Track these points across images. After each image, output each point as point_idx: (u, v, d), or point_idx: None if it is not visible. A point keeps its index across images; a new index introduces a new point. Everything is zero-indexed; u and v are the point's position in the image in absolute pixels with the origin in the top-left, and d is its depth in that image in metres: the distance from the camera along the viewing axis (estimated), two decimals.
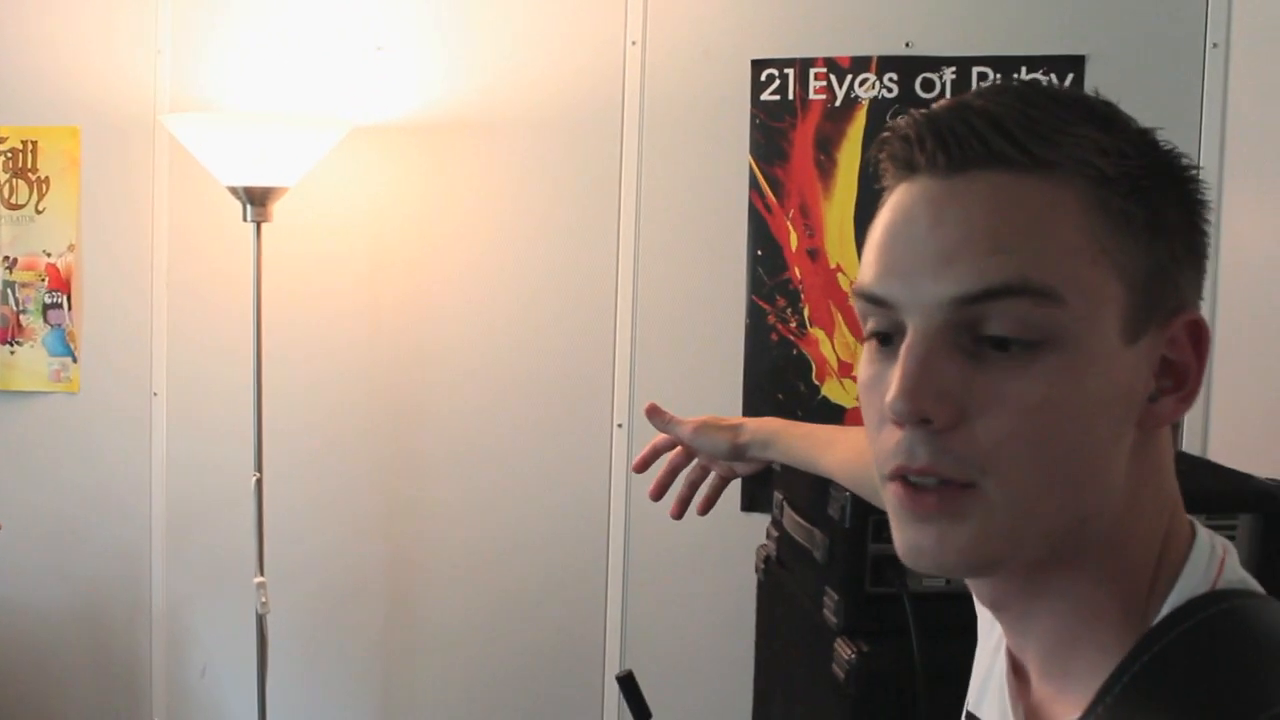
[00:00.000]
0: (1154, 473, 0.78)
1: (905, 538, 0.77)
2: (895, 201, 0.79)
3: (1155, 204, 0.75)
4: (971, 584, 0.83)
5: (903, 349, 0.75)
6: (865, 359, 0.80)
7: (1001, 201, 0.74)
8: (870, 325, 0.79)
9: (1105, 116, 0.77)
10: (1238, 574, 0.78)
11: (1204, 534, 0.79)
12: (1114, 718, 0.73)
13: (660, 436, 1.58)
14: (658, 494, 1.57)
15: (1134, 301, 0.74)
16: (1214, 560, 0.78)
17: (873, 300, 0.78)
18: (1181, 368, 0.77)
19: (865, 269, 0.79)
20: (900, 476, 0.76)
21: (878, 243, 0.78)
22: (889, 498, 0.77)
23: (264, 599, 2.84)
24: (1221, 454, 2.38)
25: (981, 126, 0.75)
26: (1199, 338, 0.77)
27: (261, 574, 2.85)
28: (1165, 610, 0.75)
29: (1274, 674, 0.70)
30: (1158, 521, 0.78)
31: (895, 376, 0.74)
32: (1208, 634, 0.73)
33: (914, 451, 0.74)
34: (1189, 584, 0.76)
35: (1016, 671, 0.85)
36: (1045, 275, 0.72)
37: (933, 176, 0.76)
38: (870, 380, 0.79)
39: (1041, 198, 0.74)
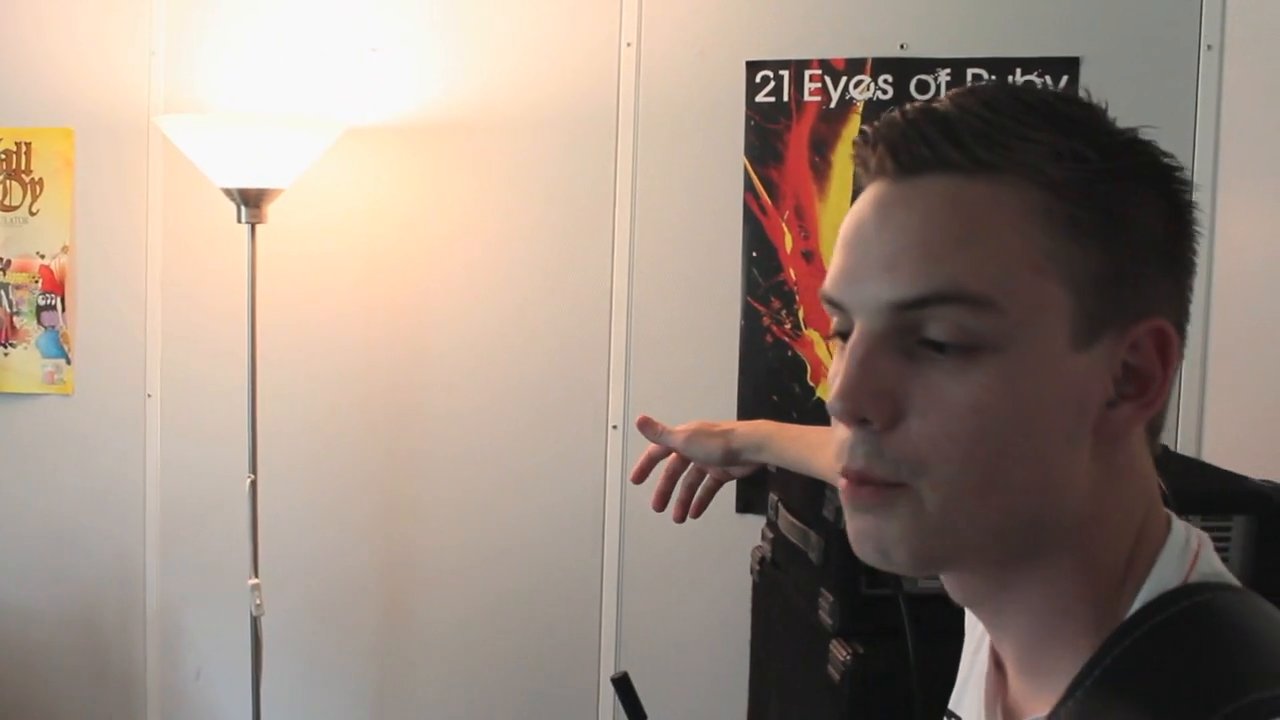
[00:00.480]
0: (1124, 475, 0.78)
1: (851, 528, 0.79)
2: (854, 206, 0.80)
3: (1115, 208, 0.75)
4: (944, 581, 0.83)
5: (846, 350, 0.77)
6: (834, 355, 0.82)
7: (944, 207, 0.75)
8: (833, 326, 0.81)
9: (1073, 120, 0.76)
10: (1212, 567, 0.78)
11: (1179, 528, 0.79)
12: (1083, 712, 0.73)
13: (654, 445, 1.58)
14: (660, 504, 1.58)
15: (1083, 308, 0.74)
16: (1187, 554, 0.78)
17: (829, 302, 0.80)
18: (1145, 374, 0.76)
19: (829, 272, 0.81)
20: (845, 473, 0.78)
21: (837, 246, 0.81)
22: (840, 490, 0.80)
23: (258, 601, 2.83)
24: (1216, 456, 2.38)
25: (931, 131, 0.75)
26: (1165, 345, 0.76)
27: (256, 576, 2.85)
28: (1136, 605, 0.75)
29: (1241, 667, 0.70)
30: (1129, 522, 0.78)
31: (838, 376, 0.76)
32: (1177, 628, 0.73)
33: (854, 452, 0.76)
34: (1160, 578, 0.76)
35: (999, 668, 0.86)
36: (980, 283, 0.73)
37: (885, 180, 0.78)
38: (832, 378, 0.80)
39: (984, 203, 0.74)
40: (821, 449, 1.47)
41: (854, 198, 2.55)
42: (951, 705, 0.94)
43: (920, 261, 0.74)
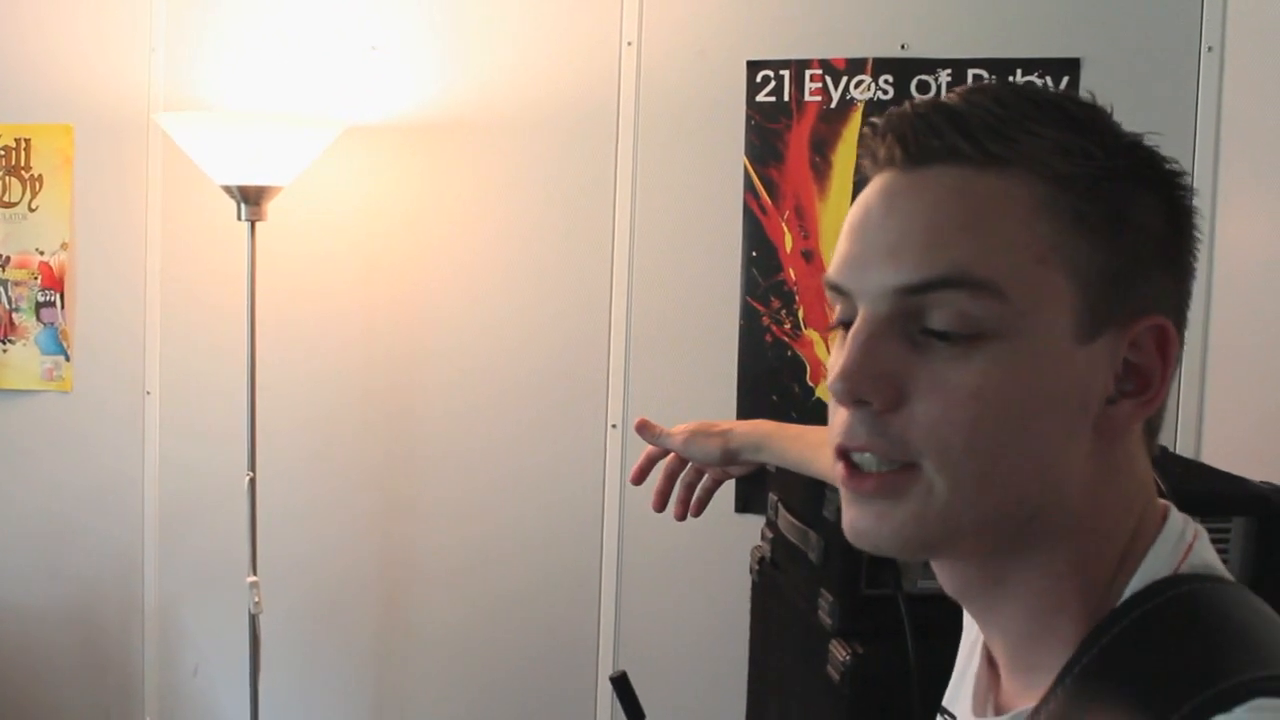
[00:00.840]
0: (1121, 473, 0.78)
1: (848, 516, 0.79)
2: (861, 195, 0.81)
3: (1119, 206, 0.75)
4: (937, 572, 0.84)
5: (850, 334, 0.77)
6: (834, 346, 0.82)
7: (951, 196, 0.75)
8: (835, 313, 0.81)
9: (1080, 119, 0.77)
10: (1203, 559, 0.78)
11: (1176, 520, 0.80)
12: (1070, 701, 0.74)
13: (652, 446, 1.58)
14: (660, 504, 1.58)
15: (1087, 302, 0.74)
16: (1181, 545, 0.78)
17: (834, 289, 0.80)
18: (1145, 372, 0.77)
19: (832, 259, 0.81)
20: (844, 455, 0.78)
21: (842, 234, 0.81)
22: (837, 477, 0.79)
23: (257, 598, 2.83)
24: (1215, 457, 2.38)
25: (941, 122, 0.76)
26: (1164, 343, 0.77)
27: (254, 573, 2.85)
28: (1126, 595, 0.76)
29: (1222, 653, 0.70)
30: (1124, 521, 0.78)
31: (840, 359, 0.76)
32: (1162, 616, 0.74)
33: (854, 431, 0.76)
34: (1151, 568, 0.77)
35: (991, 666, 0.86)
36: (986, 270, 0.73)
37: (893, 170, 0.78)
38: (832, 365, 0.80)
39: (992, 194, 0.75)
40: (821, 448, 1.47)
41: (854, 196, 2.54)
42: (945, 702, 0.94)
43: (926, 247, 0.74)
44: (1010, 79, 2.71)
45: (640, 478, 1.59)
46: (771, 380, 2.85)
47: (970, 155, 0.75)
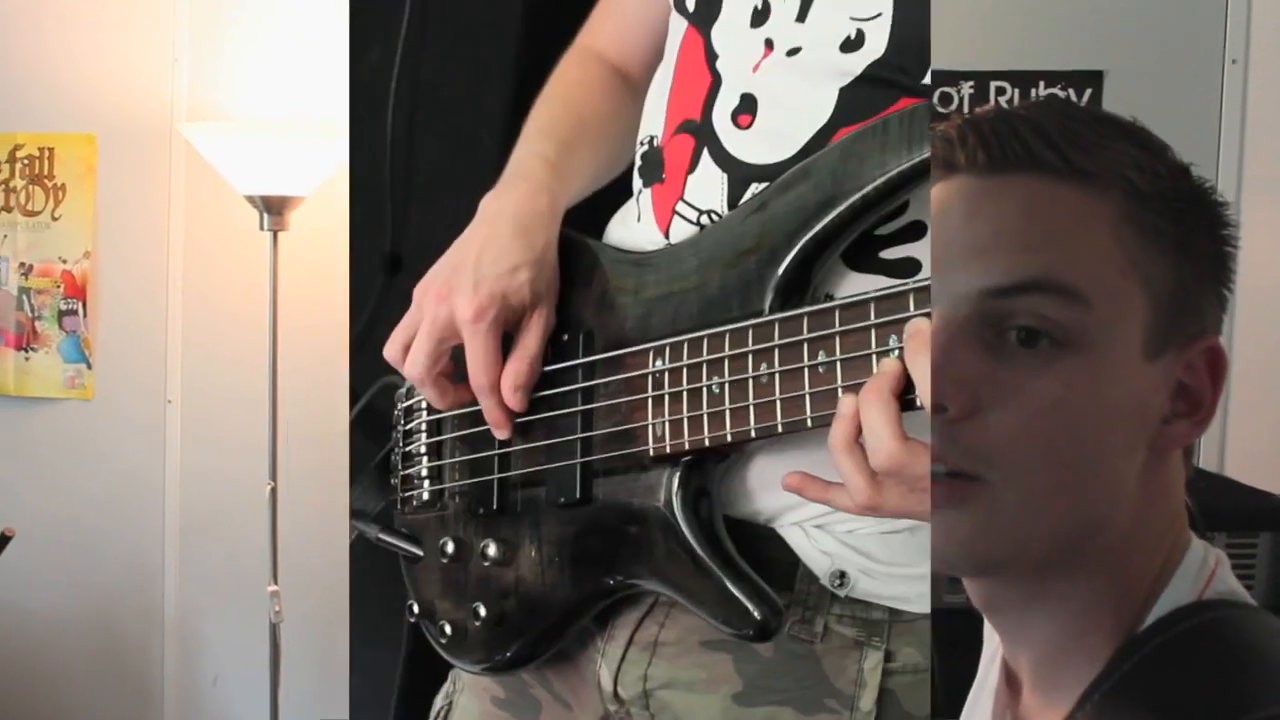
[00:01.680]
0: (1164, 494, 0.78)
1: None
2: (931, 198, 0.80)
3: (1185, 226, 0.76)
4: (968, 585, 0.83)
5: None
6: None
7: (1037, 203, 0.75)
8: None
9: (1142, 138, 0.78)
10: (1227, 585, 0.78)
11: (1198, 546, 0.80)
12: None
13: None
14: None
15: (1157, 318, 0.75)
16: (1203, 572, 0.78)
17: None
18: (1197, 394, 0.77)
19: None
20: None
21: None
22: None
23: (277, 608, 2.83)
24: (1239, 472, 2.37)
25: (1024, 130, 0.76)
26: (1216, 365, 0.77)
27: (275, 583, 2.85)
28: (1149, 620, 0.76)
29: (1248, 684, 0.70)
30: (1163, 541, 0.78)
31: None
32: (1187, 644, 0.74)
33: None
34: (1175, 594, 0.76)
35: (1010, 683, 0.86)
36: (1074, 276, 0.73)
37: (971, 175, 0.78)
38: None
39: (1077, 204, 0.75)
40: None
41: None
42: (964, 715, 0.94)
43: (1015, 250, 0.74)
44: (1033, 92, 2.70)
45: None
46: None
47: (1054, 165, 0.75)
